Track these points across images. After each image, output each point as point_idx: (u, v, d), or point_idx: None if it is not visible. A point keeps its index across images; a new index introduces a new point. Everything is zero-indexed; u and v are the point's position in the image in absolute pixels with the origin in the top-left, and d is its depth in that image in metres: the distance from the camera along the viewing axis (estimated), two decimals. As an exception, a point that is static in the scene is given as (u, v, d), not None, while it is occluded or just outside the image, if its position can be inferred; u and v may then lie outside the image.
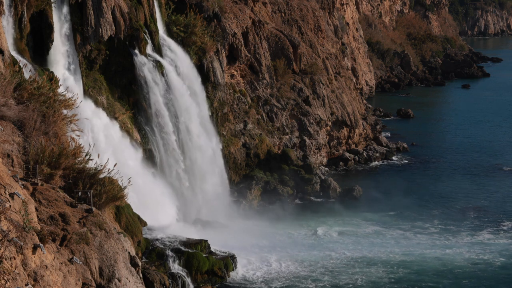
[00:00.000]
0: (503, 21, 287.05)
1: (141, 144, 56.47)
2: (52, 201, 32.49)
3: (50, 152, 35.16)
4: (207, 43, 64.41)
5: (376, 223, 59.73)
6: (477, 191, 69.92)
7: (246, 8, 74.22)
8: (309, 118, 76.42)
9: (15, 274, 22.17)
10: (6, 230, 22.89)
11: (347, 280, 47.74)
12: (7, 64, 41.17)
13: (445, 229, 58.30)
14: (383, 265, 50.21)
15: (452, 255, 52.20)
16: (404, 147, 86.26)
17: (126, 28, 55.55)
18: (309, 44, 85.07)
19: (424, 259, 51.46)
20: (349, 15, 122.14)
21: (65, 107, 42.09)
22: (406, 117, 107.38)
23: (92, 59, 54.93)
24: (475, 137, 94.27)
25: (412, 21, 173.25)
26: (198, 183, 60.46)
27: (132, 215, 45.23)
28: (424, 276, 48.56)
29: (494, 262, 50.98)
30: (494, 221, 60.61)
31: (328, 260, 50.91)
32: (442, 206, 64.62)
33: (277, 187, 66.92)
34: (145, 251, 46.04)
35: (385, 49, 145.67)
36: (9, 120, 35.35)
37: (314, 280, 47.58)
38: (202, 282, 46.28)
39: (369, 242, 55.09)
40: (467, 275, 48.86)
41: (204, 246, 48.34)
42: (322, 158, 78.22)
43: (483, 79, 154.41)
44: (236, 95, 70.53)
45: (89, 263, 30.79)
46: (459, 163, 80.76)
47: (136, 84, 57.34)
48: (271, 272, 48.73)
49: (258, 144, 70.20)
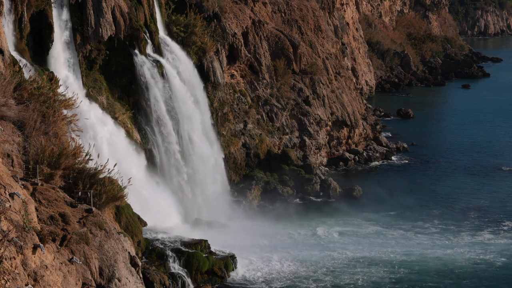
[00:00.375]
0: (503, 21, 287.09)
1: (141, 144, 56.46)
2: (52, 201, 32.47)
3: (50, 152, 35.14)
4: (207, 43, 64.40)
5: (376, 223, 59.71)
6: (477, 191, 69.89)
7: (246, 8, 74.21)
8: (309, 118, 76.40)
9: (15, 274, 22.15)
10: (6, 230, 22.87)
11: (348, 280, 47.70)
12: (7, 64, 41.16)
13: (445, 229, 58.27)
14: (384, 265, 50.18)
15: (453, 255, 52.16)
16: (404, 147, 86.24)
17: (126, 28, 55.54)
18: (309, 44, 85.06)
19: (425, 259, 51.43)
20: (349, 15, 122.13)
21: (65, 107, 42.08)
22: (406, 117, 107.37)
23: (92, 59, 54.91)
24: (475, 137, 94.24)
25: (412, 21, 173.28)
26: (198, 183, 60.43)
27: (132, 215, 45.23)
28: (425, 276, 48.53)
29: (495, 262, 50.95)
30: (495, 221, 60.59)
31: (329, 260, 50.86)
32: (442, 206, 64.58)
33: (277, 187, 66.91)
34: (145, 251, 46.02)
35: (385, 49, 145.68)
36: (9, 120, 35.33)
37: (315, 280, 47.54)
38: (202, 282, 46.25)
39: (370, 242, 55.04)
40: (468, 275, 48.84)
41: (204, 246, 48.32)
42: (322, 158, 78.20)
43: (483, 79, 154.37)
44: (236, 95, 70.52)
45: (89, 263, 30.77)
46: (459, 163, 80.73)
47: (136, 84, 57.32)
48: (271, 272, 48.69)
49: (258, 144, 70.19)
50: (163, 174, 57.76)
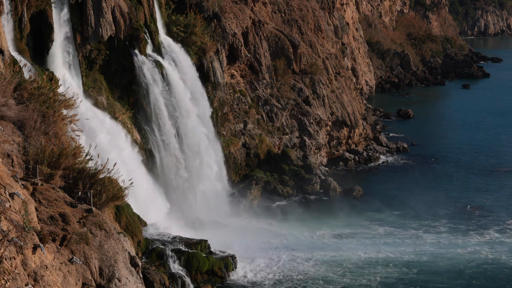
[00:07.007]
0: (503, 21, 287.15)
1: (141, 144, 56.48)
2: (52, 201, 32.48)
3: (50, 152, 35.15)
4: (207, 43, 64.41)
5: (383, 223, 59.57)
6: (478, 191, 69.87)
7: (246, 8, 74.22)
8: (309, 118, 76.41)
9: (15, 274, 22.16)
10: (6, 230, 22.87)
11: (349, 280, 47.68)
12: (7, 64, 41.17)
13: (454, 228, 58.20)
14: (394, 265, 49.98)
15: (464, 255, 52.12)
16: (404, 147, 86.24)
17: (126, 28, 55.55)
18: (309, 44, 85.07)
19: (436, 259, 51.32)
20: (349, 15, 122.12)
21: (65, 107, 42.08)
22: (406, 117, 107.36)
23: (92, 59, 54.92)
24: (475, 137, 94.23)
25: (412, 21, 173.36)
26: (198, 183, 60.45)
27: (132, 215, 45.24)
28: (437, 277, 48.29)
29: (505, 262, 50.84)
30: (499, 220, 60.56)
31: (329, 260, 50.83)
32: (446, 206, 64.43)
33: (277, 187, 66.91)
34: (145, 251, 46.02)
35: (385, 49, 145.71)
36: (9, 120, 35.35)
37: (316, 281, 47.54)
38: (202, 282, 46.26)
39: (370, 242, 54.97)
40: (479, 275, 48.72)
41: (204, 246, 48.33)
42: (322, 158, 78.20)
43: (483, 79, 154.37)
44: (236, 95, 70.53)
45: (89, 263, 30.78)
46: (459, 163, 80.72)
47: (136, 84, 57.33)
48: (271, 272, 48.69)
49: (258, 144, 70.20)
50: (163, 174, 57.76)
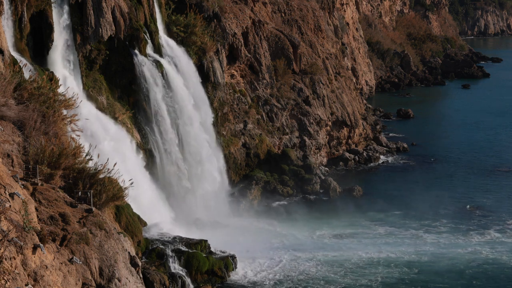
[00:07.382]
0: (503, 21, 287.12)
1: (141, 144, 56.48)
2: (52, 201, 32.48)
3: (50, 152, 35.15)
4: (207, 43, 64.41)
5: (383, 223, 59.58)
6: (478, 191, 69.87)
7: (246, 8, 74.21)
8: (309, 118, 76.40)
9: (15, 274, 22.15)
10: (6, 230, 22.87)
11: (350, 280, 47.66)
12: (7, 64, 41.17)
13: (454, 228, 58.20)
14: (395, 265, 49.97)
15: (465, 255, 52.11)
16: (404, 147, 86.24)
17: (126, 28, 55.54)
18: (309, 44, 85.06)
19: (437, 259, 51.28)
20: (349, 15, 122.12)
21: (65, 107, 42.08)
22: (406, 117, 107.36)
23: (92, 59, 54.92)
24: (475, 137, 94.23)
25: (412, 21, 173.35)
26: (198, 183, 60.45)
27: (132, 215, 45.24)
28: (437, 277, 48.28)
29: (506, 262, 50.83)
30: (499, 220, 60.57)
31: (330, 260, 50.82)
32: (446, 206, 64.37)
33: (277, 187, 66.92)
34: (145, 251, 46.02)
35: (385, 49, 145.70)
36: (9, 120, 35.35)
37: (317, 281, 47.53)
38: (202, 282, 46.26)
39: (371, 242, 54.94)
40: (479, 275, 48.73)
41: (204, 246, 48.33)
42: (322, 158, 78.20)
43: (483, 79, 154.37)
44: (236, 95, 70.52)
45: (89, 263, 30.78)
46: (459, 163, 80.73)
47: (136, 84, 57.33)
48: (271, 272, 48.69)
49: (258, 144, 70.20)
50: (163, 174, 57.75)
